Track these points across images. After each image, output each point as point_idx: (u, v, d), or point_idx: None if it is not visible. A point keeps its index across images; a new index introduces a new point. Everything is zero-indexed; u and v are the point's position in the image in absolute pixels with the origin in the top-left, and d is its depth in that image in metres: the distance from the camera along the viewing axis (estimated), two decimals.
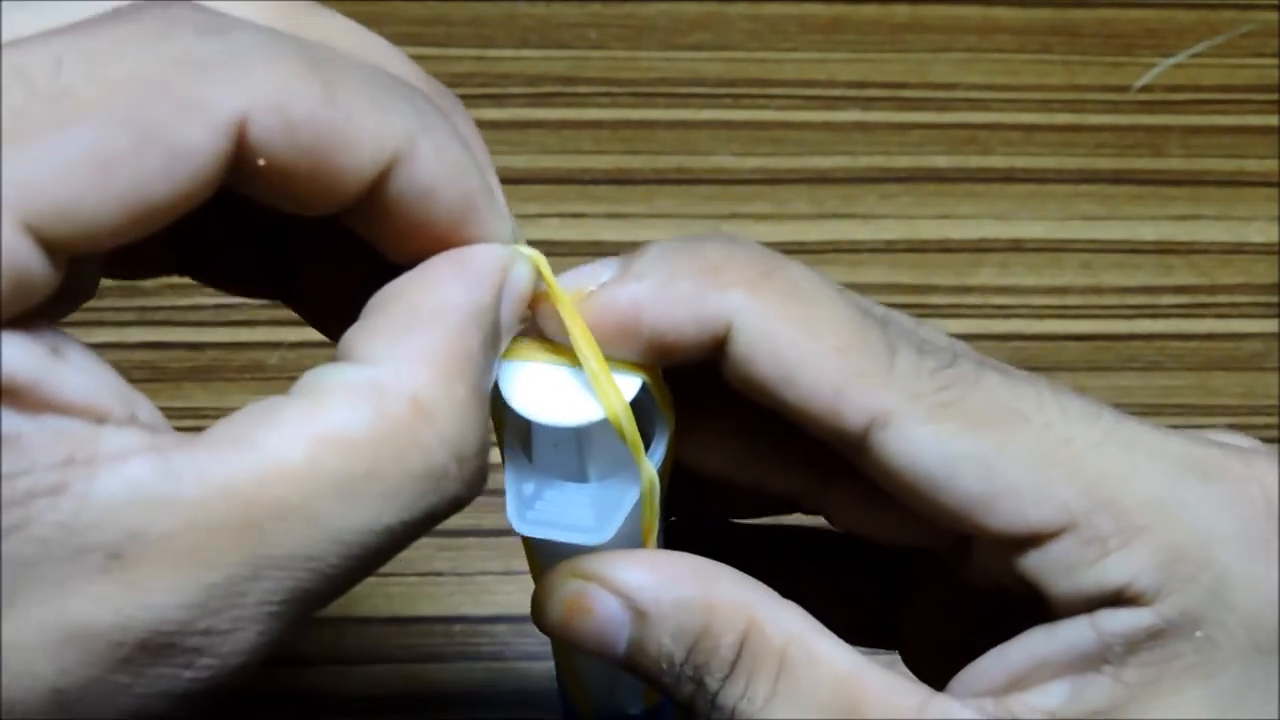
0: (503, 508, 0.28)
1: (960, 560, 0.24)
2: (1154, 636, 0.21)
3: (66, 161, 0.16)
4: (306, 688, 0.39)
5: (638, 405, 0.22)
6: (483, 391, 0.20)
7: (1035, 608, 0.23)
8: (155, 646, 0.16)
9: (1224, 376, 0.45)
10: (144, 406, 0.18)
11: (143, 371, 0.43)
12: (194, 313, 0.44)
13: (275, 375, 0.43)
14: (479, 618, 0.40)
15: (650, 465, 0.23)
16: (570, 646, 0.23)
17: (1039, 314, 0.46)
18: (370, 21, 0.53)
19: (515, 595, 0.40)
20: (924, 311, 0.45)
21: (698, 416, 0.24)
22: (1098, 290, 0.46)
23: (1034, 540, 0.21)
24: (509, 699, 0.39)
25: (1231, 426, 0.44)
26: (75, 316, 0.38)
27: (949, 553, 0.25)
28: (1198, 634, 0.21)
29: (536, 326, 0.23)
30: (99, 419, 0.17)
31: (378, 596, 0.40)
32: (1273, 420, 0.44)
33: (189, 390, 0.43)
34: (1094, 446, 0.22)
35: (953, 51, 0.51)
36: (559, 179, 0.47)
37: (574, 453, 0.23)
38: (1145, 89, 0.50)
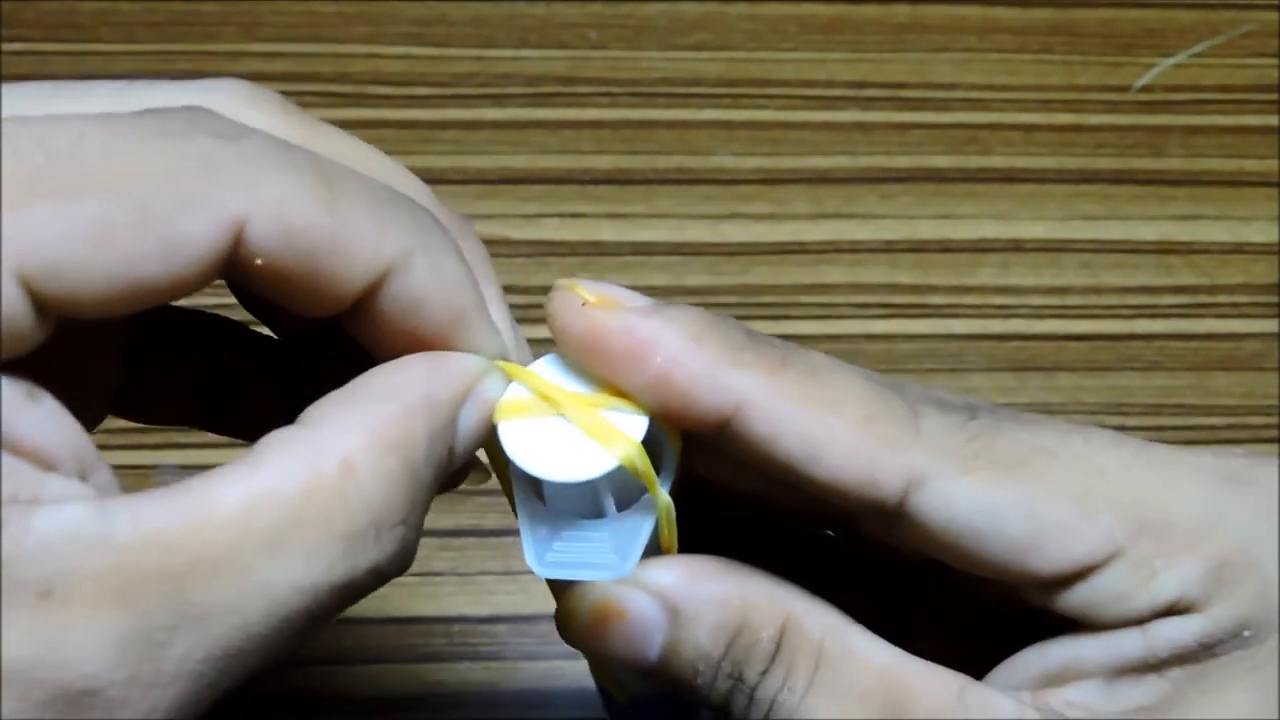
0: (501, 507, 0.28)
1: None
2: (1203, 642, 0.21)
3: (68, 226, 0.17)
4: (306, 687, 0.39)
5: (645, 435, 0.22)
6: (418, 477, 0.20)
7: (1058, 620, 0.23)
8: (74, 692, 0.17)
9: (1224, 376, 0.45)
10: (103, 473, 0.18)
11: None
12: None
13: None
14: (478, 618, 0.40)
15: (664, 494, 0.22)
16: (600, 655, 0.23)
17: (1039, 314, 0.46)
18: (370, 21, 0.53)
19: (515, 595, 0.40)
20: (924, 311, 0.45)
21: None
22: (1098, 290, 0.46)
23: (1081, 574, 0.22)
24: (509, 699, 0.39)
25: (1231, 426, 0.44)
26: None
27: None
28: (1245, 634, 0.21)
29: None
30: (48, 466, 0.17)
31: (377, 596, 0.40)
32: (1273, 420, 0.44)
33: None
34: (1126, 471, 0.22)
35: (953, 51, 0.51)
36: (559, 179, 0.47)
37: (588, 497, 0.23)
38: (1145, 89, 0.50)
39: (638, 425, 0.22)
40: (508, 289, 0.47)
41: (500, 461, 0.23)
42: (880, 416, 0.22)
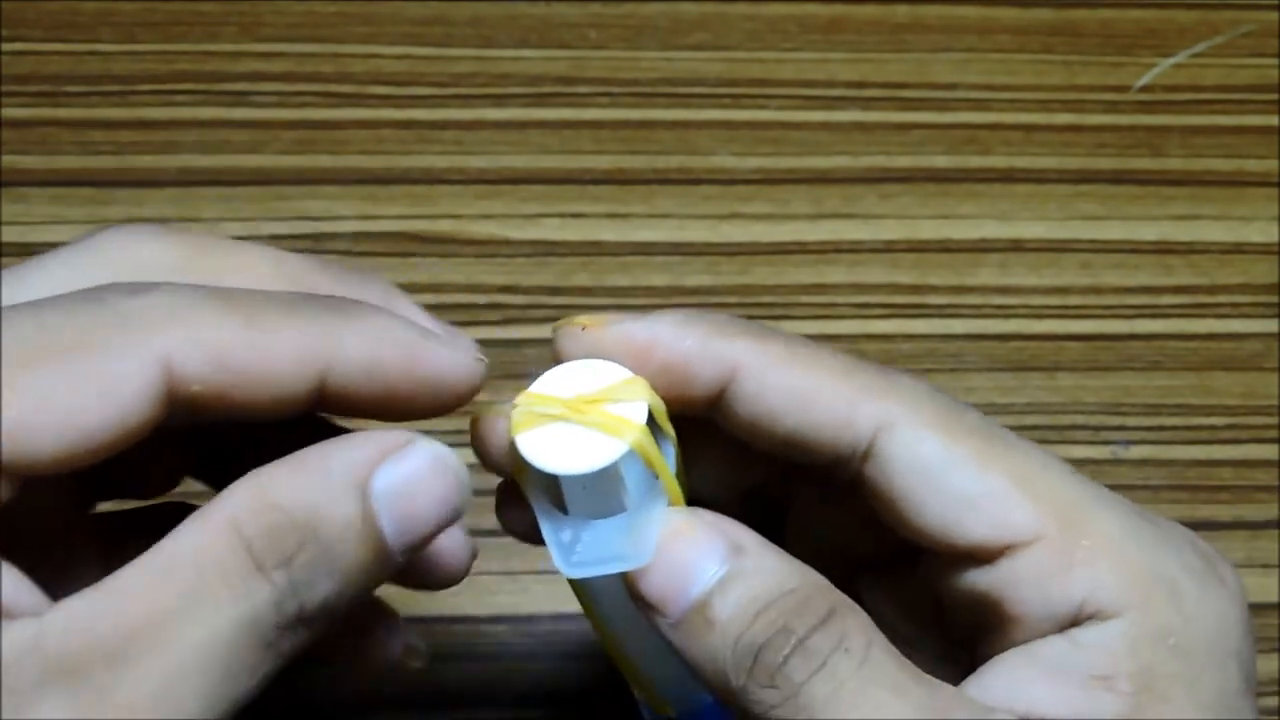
0: None
1: (903, 577, 0.26)
2: (1132, 648, 0.23)
3: (10, 395, 0.20)
4: (305, 687, 0.39)
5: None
6: (304, 526, 0.21)
7: (981, 625, 0.24)
8: None
9: (1224, 376, 0.45)
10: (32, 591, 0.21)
11: None
12: None
13: None
14: (479, 618, 0.40)
15: (671, 475, 0.24)
16: (640, 585, 0.23)
17: (1039, 314, 0.46)
18: (370, 21, 0.53)
19: (515, 595, 0.40)
20: (924, 312, 0.45)
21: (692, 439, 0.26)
22: (1098, 290, 0.46)
23: (1007, 549, 0.23)
24: (509, 699, 0.39)
25: (1231, 426, 0.44)
26: None
27: (895, 566, 0.26)
28: (1170, 642, 0.23)
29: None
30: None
31: (379, 596, 0.40)
32: (1272, 420, 0.44)
33: None
34: (1064, 478, 0.24)
35: (953, 51, 0.51)
36: (559, 179, 0.47)
37: (605, 491, 0.24)
38: (1145, 89, 0.50)
39: (639, 411, 0.24)
40: (508, 289, 0.48)
41: (523, 475, 0.24)
42: (859, 371, 0.25)
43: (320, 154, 0.48)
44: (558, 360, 0.25)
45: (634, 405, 0.24)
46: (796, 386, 0.24)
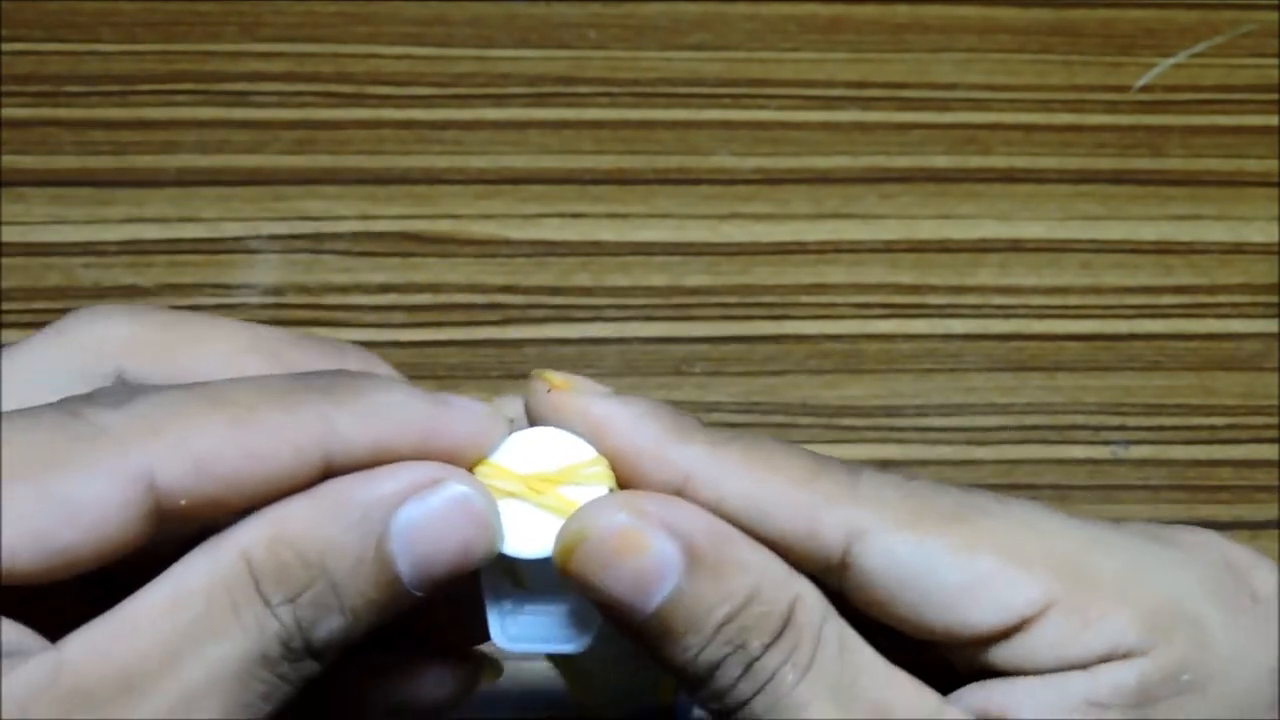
0: None
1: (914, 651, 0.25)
2: (1143, 687, 0.22)
3: None
4: None
5: None
6: (316, 562, 0.21)
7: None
8: None
9: (1224, 376, 0.45)
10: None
11: None
12: None
13: None
14: None
15: None
16: (596, 589, 0.22)
17: (1039, 314, 0.46)
18: (370, 21, 0.53)
19: None
20: (924, 312, 0.45)
21: None
22: (1098, 290, 0.46)
23: (1017, 627, 0.22)
24: (509, 699, 0.39)
25: (1231, 426, 0.44)
26: None
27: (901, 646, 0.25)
28: (1185, 677, 0.22)
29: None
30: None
31: None
32: (1272, 420, 0.44)
33: None
34: (1057, 530, 0.23)
35: (953, 51, 0.51)
36: (559, 179, 0.47)
37: (551, 572, 0.23)
38: (1145, 89, 0.50)
39: (596, 496, 0.23)
40: (508, 289, 0.48)
41: None
42: (820, 475, 0.23)
43: (320, 154, 0.48)
44: (527, 414, 0.24)
45: (592, 489, 0.23)
46: (754, 498, 0.23)
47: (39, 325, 0.44)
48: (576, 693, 0.29)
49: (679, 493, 0.23)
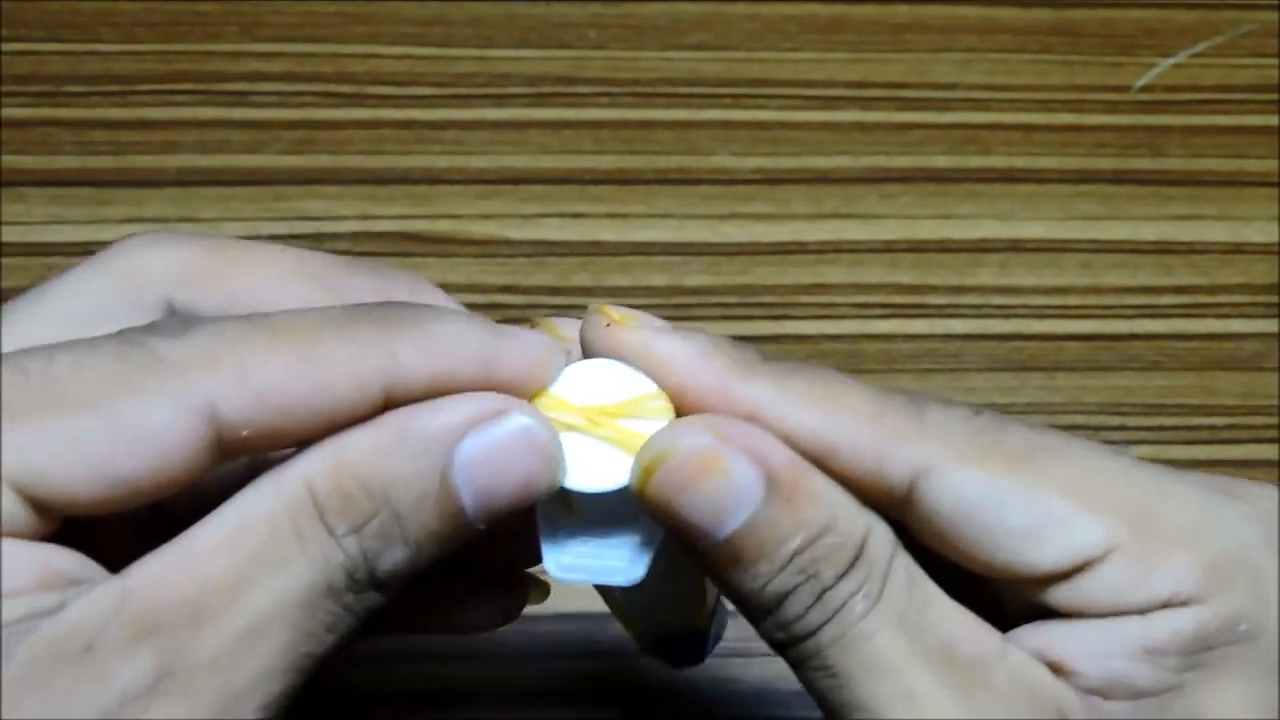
0: None
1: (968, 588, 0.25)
2: (1200, 634, 0.22)
3: (45, 438, 0.20)
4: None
5: None
6: (379, 492, 0.21)
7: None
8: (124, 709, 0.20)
9: (1224, 376, 0.45)
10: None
11: None
12: None
13: None
14: None
15: None
16: (671, 512, 0.22)
17: (1039, 314, 0.46)
18: (370, 21, 0.53)
19: None
20: (924, 312, 0.45)
21: None
22: (1098, 290, 0.46)
23: (1080, 569, 0.22)
24: (509, 699, 0.39)
25: (1231, 426, 0.44)
26: None
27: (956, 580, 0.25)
28: (1240, 628, 0.22)
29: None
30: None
31: None
32: (1272, 420, 0.44)
33: None
34: (1124, 475, 0.23)
35: (953, 51, 0.51)
36: (559, 179, 0.47)
37: (608, 505, 0.23)
38: (1145, 89, 0.50)
39: (657, 428, 0.23)
40: (508, 289, 0.48)
41: None
42: (887, 411, 0.23)
43: (320, 154, 0.48)
44: (583, 348, 0.24)
45: (654, 423, 0.23)
46: (817, 435, 0.22)
47: None
48: (619, 617, 0.29)
49: None
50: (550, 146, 0.48)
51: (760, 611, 0.23)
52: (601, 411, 0.23)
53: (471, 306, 0.45)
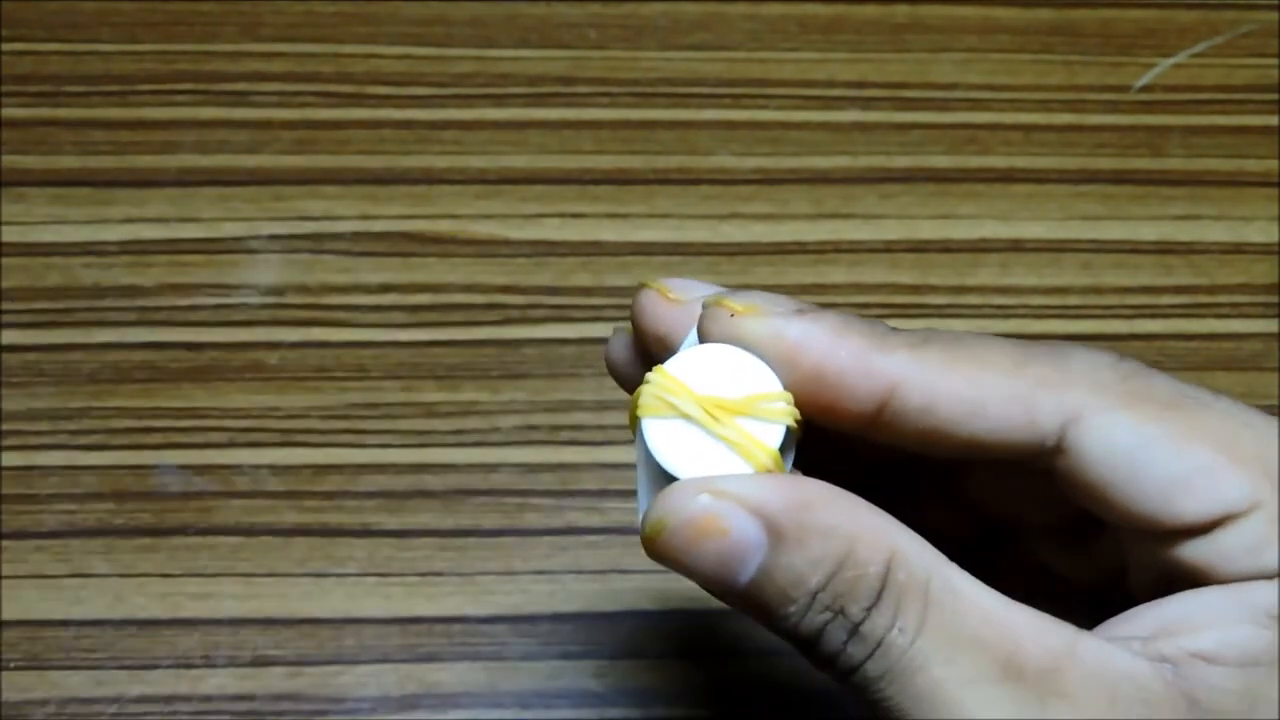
0: (501, 507, 0.28)
1: (1080, 540, 0.25)
2: None
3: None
4: (305, 688, 0.39)
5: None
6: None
7: (1175, 583, 0.23)
8: None
9: (1224, 376, 0.45)
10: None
11: (143, 371, 0.43)
12: (194, 313, 0.44)
13: (275, 375, 0.43)
14: (479, 618, 0.40)
15: None
16: (687, 572, 0.22)
17: (1039, 314, 0.46)
18: (370, 21, 0.53)
19: (515, 596, 0.40)
20: (924, 311, 0.45)
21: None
22: (1098, 290, 0.46)
23: (1220, 522, 0.22)
24: (509, 699, 0.39)
25: None
26: (78, 315, 0.38)
27: (1073, 532, 0.25)
28: None
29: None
30: None
31: (377, 596, 0.40)
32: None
33: (189, 391, 0.43)
34: (1271, 431, 0.23)
35: (953, 51, 0.51)
36: (559, 179, 0.47)
37: None
38: (1145, 89, 0.50)
39: (775, 436, 0.22)
40: (508, 289, 0.48)
41: (637, 431, 0.23)
42: (1029, 361, 0.23)
43: (320, 154, 0.48)
44: (700, 336, 0.23)
45: (772, 427, 0.22)
46: (964, 396, 0.22)
47: (39, 325, 0.44)
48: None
49: (884, 402, 0.23)
50: (550, 146, 0.48)
51: (803, 648, 0.23)
52: (720, 405, 0.22)
53: (471, 306, 0.45)
